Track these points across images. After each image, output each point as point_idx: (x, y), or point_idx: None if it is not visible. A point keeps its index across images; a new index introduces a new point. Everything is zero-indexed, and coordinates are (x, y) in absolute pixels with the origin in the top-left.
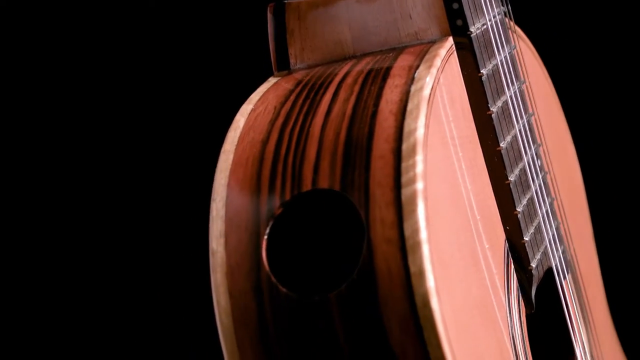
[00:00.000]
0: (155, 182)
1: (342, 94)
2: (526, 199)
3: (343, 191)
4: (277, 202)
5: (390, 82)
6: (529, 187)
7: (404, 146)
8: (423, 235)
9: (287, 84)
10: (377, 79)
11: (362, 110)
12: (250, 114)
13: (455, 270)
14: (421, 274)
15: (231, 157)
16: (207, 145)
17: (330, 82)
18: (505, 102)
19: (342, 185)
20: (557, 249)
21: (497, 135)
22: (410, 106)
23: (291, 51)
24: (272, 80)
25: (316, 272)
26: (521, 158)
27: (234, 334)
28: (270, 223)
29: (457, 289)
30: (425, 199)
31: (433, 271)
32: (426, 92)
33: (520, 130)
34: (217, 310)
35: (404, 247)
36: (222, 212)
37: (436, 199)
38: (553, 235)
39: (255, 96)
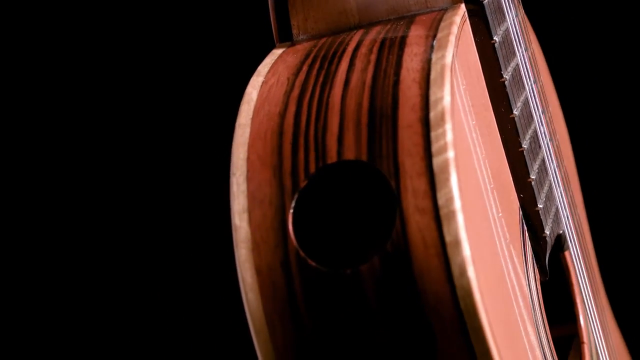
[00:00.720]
0: (153, 178)
1: (359, 64)
2: (537, 166)
3: (371, 162)
4: (301, 174)
5: (408, 50)
6: (538, 154)
7: (432, 115)
8: (457, 204)
9: (295, 55)
10: (393, 48)
11: (382, 79)
12: (262, 86)
13: (482, 239)
14: (457, 243)
15: (248, 130)
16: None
17: (343, 52)
18: (516, 69)
19: (369, 155)
20: (565, 216)
21: (511, 102)
22: (433, 74)
23: (293, 22)
24: (277, 52)
25: (346, 245)
26: (531, 125)
27: (262, 310)
28: (296, 196)
29: (485, 258)
30: (457, 168)
31: (468, 240)
32: (448, 59)
33: (528, 97)
34: (243, 288)
35: (438, 217)
36: (243, 187)
37: (461, 168)
38: (561, 202)
39: (263, 68)
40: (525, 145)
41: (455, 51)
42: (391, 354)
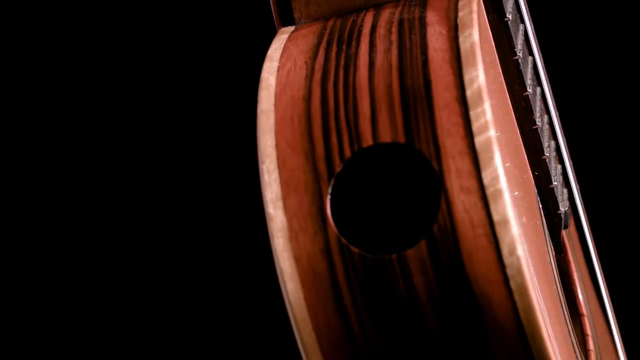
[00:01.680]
0: (151, 177)
1: (380, 45)
2: (548, 143)
3: (409, 144)
4: (336, 159)
5: (431, 30)
6: (545, 131)
7: (469, 93)
8: (503, 182)
9: (305, 38)
10: (414, 28)
11: (409, 60)
12: (278, 71)
13: (516, 217)
14: (505, 222)
15: (272, 116)
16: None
17: (360, 33)
18: (523, 46)
19: (407, 137)
20: (565, 193)
21: (524, 79)
22: (464, 53)
23: (295, 6)
24: (283, 37)
25: (389, 229)
26: (536, 102)
27: (303, 300)
28: (332, 181)
29: (527, 236)
30: (499, 146)
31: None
32: (476, 37)
33: (532, 74)
34: (282, 278)
35: (484, 196)
36: (275, 174)
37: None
38: (562, 179)
39: (274, 53)
40: (539, 122)
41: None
42: (439, 339)
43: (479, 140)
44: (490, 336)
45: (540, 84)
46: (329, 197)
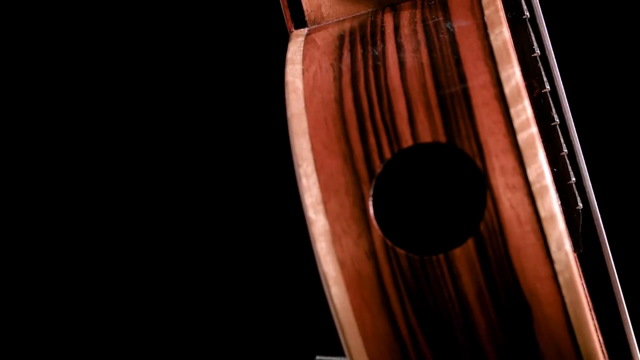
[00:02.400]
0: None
1: (408, 45)
2: (563, 139)
3: (451, 143)
4: (376, 160)
5: (459, 28)
6: (565, 127)
7: (507, 91)
8: (548, 178)
9: (325, 40)
10: (440, 27)
11: (441, 59)
12: (304, 74)
13: None
14: (552, 217)
15: (304, 119)
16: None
17: (383, 34)
18: (536, 42)
19: (447, 137)
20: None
21: (543, 76)
22: (497, 51)
23: (306, 8)
24: (299, 39)
25: (435, 229)
26: (560, 99)
27: (349, 303)
28: (373, 183)
29: None
30: (541, 142)
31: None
32: (507, 34)
33: (549, 71)
34: (326, 282)
35: (531, 192)
36: (313, 178)
37: None
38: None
39: (295, 55)
40: (557, 119)
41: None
42: (488, 338)
43: (521, 137)
44: (539, 332)
45: (554, 81)
46: (371, 198)
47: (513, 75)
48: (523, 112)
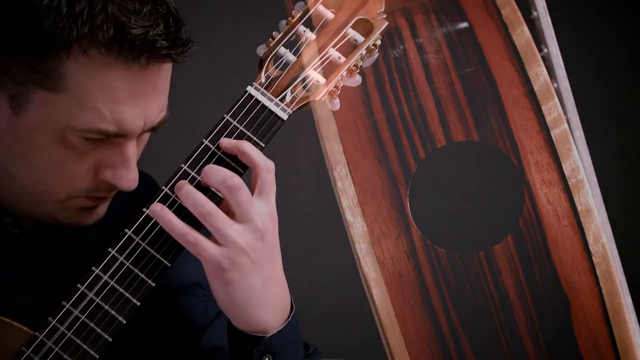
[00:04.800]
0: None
1: (429, 47)
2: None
3: (485, 141)
4: (410, 161)
5: (478, 29)
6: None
7: (537, 88)
8: (583, 172)
9: None
10: (458, 27)
11: (464, 59)
12: None
13: None
14: (589, 211)
15: (333, 122)
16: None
17: (400, 36)
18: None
19: (480, 135)
20: None
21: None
22: (522, 50)
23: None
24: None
25: (474, 227)
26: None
27: (390, 303)
28: (410, 183)
29: None
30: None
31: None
32: (528, 33)
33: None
34: (367, 284)
35: (567, 187)
36: (348, 180)
37: None
38: None
39: None
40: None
41: None
42: (528, 330)
43: (555, 134)
44: (576, 323)
45: (557, 78)
46: (408, 199)
47: (541, 74)
48: (554, 108)
